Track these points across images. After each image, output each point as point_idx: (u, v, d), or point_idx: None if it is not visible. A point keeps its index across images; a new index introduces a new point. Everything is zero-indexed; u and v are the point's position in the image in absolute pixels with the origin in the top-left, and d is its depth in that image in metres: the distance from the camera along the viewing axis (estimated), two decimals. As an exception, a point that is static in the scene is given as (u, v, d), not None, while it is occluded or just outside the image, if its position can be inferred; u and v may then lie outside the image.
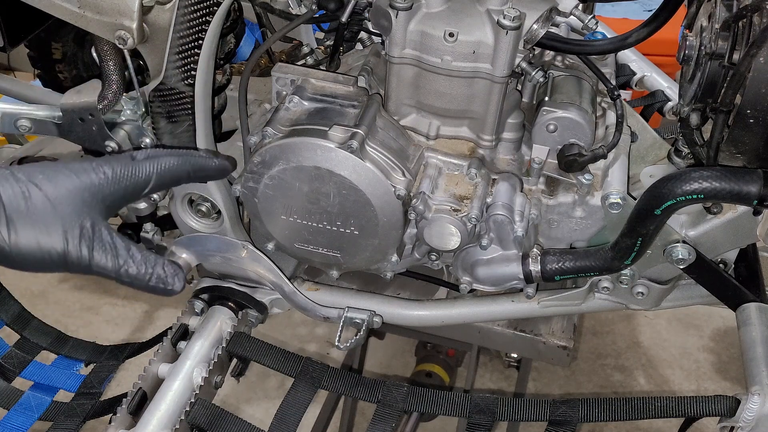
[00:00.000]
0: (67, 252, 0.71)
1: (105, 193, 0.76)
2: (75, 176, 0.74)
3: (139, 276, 0.75)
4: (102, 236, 0.74)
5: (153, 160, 0.80)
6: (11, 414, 1.31)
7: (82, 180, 0.75)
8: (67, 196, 0.73)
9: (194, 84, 1.09)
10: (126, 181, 0.78)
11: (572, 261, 1.14)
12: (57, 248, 0.71)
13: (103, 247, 0.73)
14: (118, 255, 0.74)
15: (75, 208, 0.73)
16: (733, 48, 0.92)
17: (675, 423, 1.16)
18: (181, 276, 0.78)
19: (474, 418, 1.14)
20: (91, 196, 0.75)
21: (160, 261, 0.77)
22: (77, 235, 0.72)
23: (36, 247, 0.70)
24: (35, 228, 0.70)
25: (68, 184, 0.73)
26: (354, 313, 1.26)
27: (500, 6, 1.03)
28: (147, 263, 0.76)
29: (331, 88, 1.16)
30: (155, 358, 1.23)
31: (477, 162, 1.13)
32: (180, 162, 0.83)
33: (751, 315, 1.15)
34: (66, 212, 0.72)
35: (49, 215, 0.71)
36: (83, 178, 0.75)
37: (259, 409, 2.27)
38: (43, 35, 1.44)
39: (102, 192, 0.76)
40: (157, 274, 0.77)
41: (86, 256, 0.72)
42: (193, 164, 0.85)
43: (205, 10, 1.03)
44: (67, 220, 0.72)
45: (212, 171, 0.88)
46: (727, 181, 0.94)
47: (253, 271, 1.28)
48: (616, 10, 2.74)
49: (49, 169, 0.74)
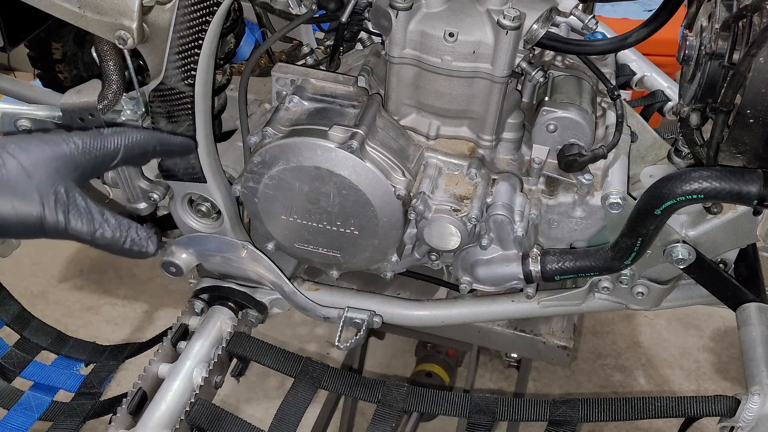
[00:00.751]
0: (43, 217, 0.74)
1: (77, 162, 0.79)
2: (47, 146, 0.77)
3: (114, 239, 0.78)
4: (77, 201, 0.76)
5: (120, 134, 0.84)
6: (11, 414, 1.31)
7: (54, 149, 0.77)
8: (40, 164, 0.75)
9: (194, 84, 1.09)
10: (96, 151, 0.81)
11: (572, 261, 1.14)
12: (33, 213, 0.73)
13: (78, 212, 0.76)
14: (93, 219, 0.77)
15: (49, 175, 0.75)
16: (733, 48, 0.92)
17: (675, 423, 1.16)
18: (155, 239, 0.82)
19: (474, 418, 1.15)
20: (63, 164, 0.77)
21: (133, 225, 0.80)
22: (52, 201, 0.74)
23: (12, 213, 0.72)
24: (11, 195, 0.72)
25: (41, 153, 0.76)
26: (354, 313, 1.26)
27: (500, 6, 1.03)
28: (121, 227, 0.79)
29: (331, 88, 1.16)
30: (155, 358, 1.23)
31: (477, 162, 1.13)
32: (146, 136, 0.87)
33: (751, 315, 1.15)
34: (41, 179, 0.74)
35: (23, 182, 0.73)
36: (55, 147, 0.77)
37: (259, 409, 2.27)
38: (43, 35, 1.44)
39: (74, 161, 0.78)
40: (132, 237, 0.80)
41: (62, 221, 0.75)
42: (158, 139, 0.90)
43: (205, 10, 1.03)
44: (42, 186, 0.74)
45: (176, 146, 0.96)
46: (727, 181, 0.94)
47: (253, 271, 1.28)
48: (616, 10, 2.74)
49: (22, 139, 0.77)
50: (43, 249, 2.74)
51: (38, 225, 0.74)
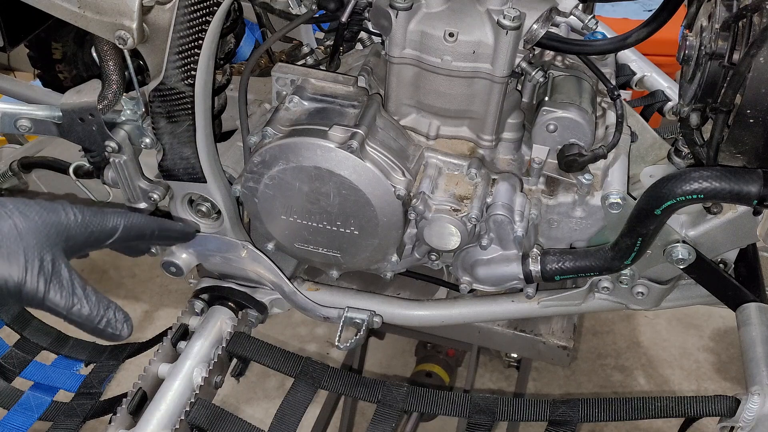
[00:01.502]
0: (23, 282, 0.71)
1: (70, 234, 0.78)
2: (45, 212, 0.76)
3: (90, 317, 0.77)
4: (60, 273, 0.75)
5: (121, 215, 0.85)
6: (11, 414, 1.31)
7: (52, 216, 0.77)
8: (33, 228, 0.74)
9: (194, 84, 1.09)
10: (93, 226, 0.81)
11: (572, 261, 1.14)
12: (14, 277, 0.71)
13: (60, 284, 0.74)
14: (74, 293, 0.75)
15: (39, 241, 0.74)
16: (733, 48, 0.92)
17: (675, 423, 1.16)
18: (130, 324, 0.80)
19: (474, 418, 1.14)
20: (56, 233, 0.76)
21: (112, 305, 0.79)
22: (36, 268, 0.72)
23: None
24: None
25: (36, 218, 0.75)
26: (354, 313, 1.26)
27: (500, 6, 1.03)
28: (100, 305, 0.78)
29: (331, 88, 1.16)
30: (155, 358, 1.23)
31: (477, 162, 1.13)
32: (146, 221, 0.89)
33: (751, 315, 1.15)
34: (29, 244, 0.73)
35: (12, 244, 0.71)
36: (52, 215, 0.77)
37: (259, 409, 2.27)
38: (43, 35, 1.44)
39: (68, 232, 0.78)
40: (108, 317, 0.78)
41: (42, 290, 0.73)
42: (158, 225, 0.92)
43: (205, 11, 1.03)
44: (29, 251, 0.72)
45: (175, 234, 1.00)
46: (727, 181, 0.94)
47: (253, 271, 1.28)
48: (616, 10, 2.73)
49: (23, 201, 0.76)
50: (43, 249, 2.73)
51: (16, 290, 0.71)
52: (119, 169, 1.21)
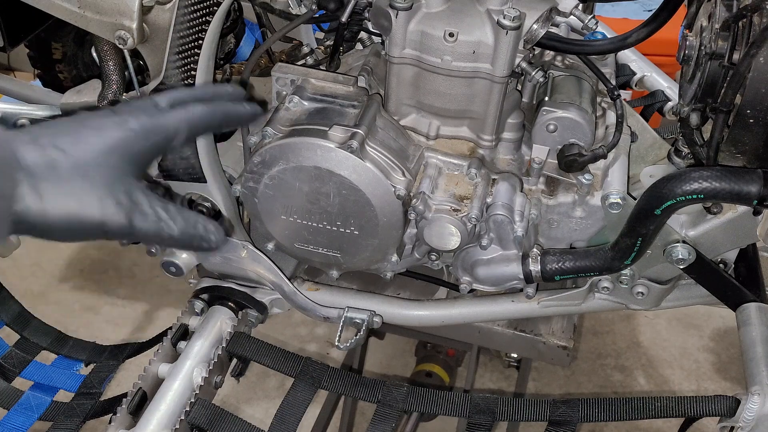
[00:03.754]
0: (105, 220, 0.68)
1: (134, 151, 0.72)
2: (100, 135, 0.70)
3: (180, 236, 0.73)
4: (139, 200, 0.70)
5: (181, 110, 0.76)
6: (11, 414, 1.31)
7: (109, 139, 0.70)
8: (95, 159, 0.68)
9: (194, 84, 1.09)
10: (155, 135, 0.73)
11: (572, 261, 1.14)
12: (94, 217, 0.67)
13: (143, 212, 0.70)
14: (159, 217, 0.71)
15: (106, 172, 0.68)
16: (733, 48, 0.92)
17: (675, 423, 1.16)
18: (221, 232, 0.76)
19: (474, 418, 1.14)
20: (120, 157, 0.70)
21: (200, 219, 0.74)
22: (113, 204, 0.68)
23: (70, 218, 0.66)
24: (67, 197, 0.66)
25: (95, 145, 0.69)
26: (354, 313, 1.26)
27: (500, 6, 1.03)
28: (187, 223, 0.73)
29: (331, 88, 1.16)
30: (155, 358, 1.23)
31: (477, 162, 1.13)
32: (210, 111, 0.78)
33: (751, 315, 1.15)
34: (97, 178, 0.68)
35: (79, 182, 0.67)
36: (109, 136, 0.70)
37: (259, 409, 2.27)
38: (43, 35, 1.44)
39: (131, 150, 0.71)
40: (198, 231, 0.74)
41: (126, 223, 0.69)
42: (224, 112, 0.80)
43: (205, 11, 1.04)
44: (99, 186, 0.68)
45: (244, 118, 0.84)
46: (727, 181, 0.94)
47: (253, 271, 1.28)
48: (616, 10, 2.73)
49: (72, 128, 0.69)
50: (43, 249, 2.74)
51: (100, 228, 0.68)
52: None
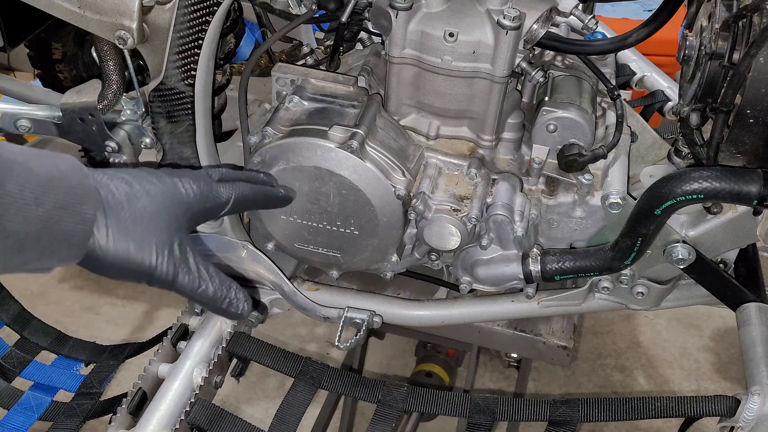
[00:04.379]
0: (155, 267, 0.73)
1: (192, 211, 0.78)
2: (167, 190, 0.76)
3: (215, 298, 0.78)
4: (187, 257, 0.76)
5: (232, 185, 0.83)
6: (11, 414, 1.31)
7: (174, 196, 0.76)
8: (161, 211, 0.74)
9: (194, 84, 1.09)
10: (209, 201, 0.80)
11: (572, 261, 1.14)
12: (146, 263, 0.72)
13: (188, 268, 0.76)
14: (200, 276, 0.77)
15: (168, 224, 0.74)
16: (733, 48, 0.92)
17: (675, 423, 1.16)
18: (250, 302, 0.81)
19: (474, 418, 1.14)
20: (181, 213, 0.77)
21: (233, 286, 0.80)
22: (167, 254, 0.73)
23: (126, 258, 0.71)
24: (129, 239, 0.71)
25: (162, 199, 0.75)
26: (354, 313, 1.26)
27: (500, 6, 1.03)
28: (223, 286, 0.79)
29: (331, 88, 1.16)
30: (155, 358, 1.23)
31: (477, 162, 1.13)
32: (255, 191, 0.87)
33: (751, 315, 1.15)
34: (160, 228, 0.74)
35: (144, 229, 0.72)
36: (174, 193, 0.77)
37: (259, 409, 2.27)
38: (43, 35, 1.44)
39: (191, 209, 0.78)
40: (230, 297, 0.80)
41: (171, 274, 0.74)
42: (264, 194, 0.90)
43: (205, 11, 1.03)
44: (160, 236, 0.73)
45: (281, 201, 0.96)
46: (727, 181, 0.94)
47: (253, 271, 1.28)
48: (616, 10, 2.74)
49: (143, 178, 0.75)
50: (43, 249, 2.73)
51: (148, 274, 0.73)
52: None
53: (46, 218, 0.64)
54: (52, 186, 0.65)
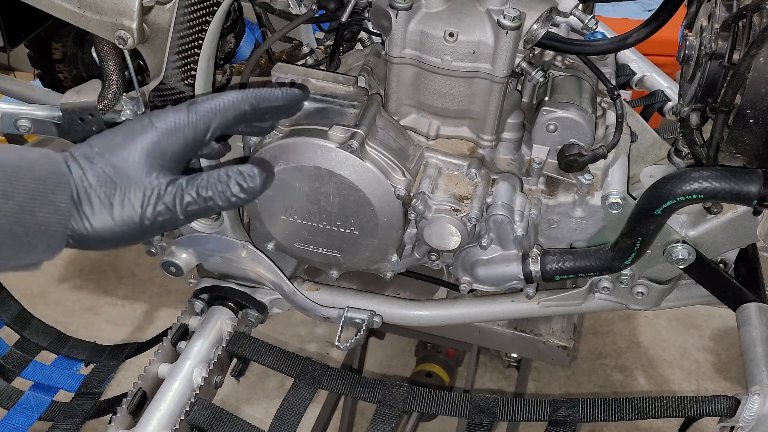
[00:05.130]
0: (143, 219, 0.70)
1: (163, 149, 0.73)
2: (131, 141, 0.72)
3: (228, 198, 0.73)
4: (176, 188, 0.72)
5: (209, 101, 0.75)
6: (11, 414, 1.31)
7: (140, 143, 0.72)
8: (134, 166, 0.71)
9: (194, 84, 1.09)
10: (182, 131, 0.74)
11: (572, 261, 1.14)
12: (135, 219, 0.70)
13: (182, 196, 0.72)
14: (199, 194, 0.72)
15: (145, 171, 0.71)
16: (733, 48, 0.92)
17: (675, 423, 1.16)
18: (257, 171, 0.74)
19: (474, 418, 1.15)
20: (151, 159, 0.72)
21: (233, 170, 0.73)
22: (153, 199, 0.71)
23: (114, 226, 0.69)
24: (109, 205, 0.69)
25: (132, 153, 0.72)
26: (354, 313, 1.26)
27: (500, 6, 1.03)
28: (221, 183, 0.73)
29: (331, 88, 1.16)
30: (155, 358, 1.23)
31: (477, 162, 1.13)
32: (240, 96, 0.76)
33: (751, 315, 1.15)
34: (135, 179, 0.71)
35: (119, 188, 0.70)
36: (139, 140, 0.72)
37: (259, 409, 2.27)
38: (43, 35, 1.44)
39: (160, 148, 0.73)
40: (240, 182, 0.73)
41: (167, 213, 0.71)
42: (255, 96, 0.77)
43: (205, 11, 1.03)
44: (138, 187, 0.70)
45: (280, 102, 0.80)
46: (727, 181, 0.94)
47: (253, 271, 1.28)
48: (616, 10, 2.74)
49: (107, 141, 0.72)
50: (43, 249, 2.73)
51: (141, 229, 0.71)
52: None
53: (17, 211, 0.63)
54: (20, 177, 0.64)
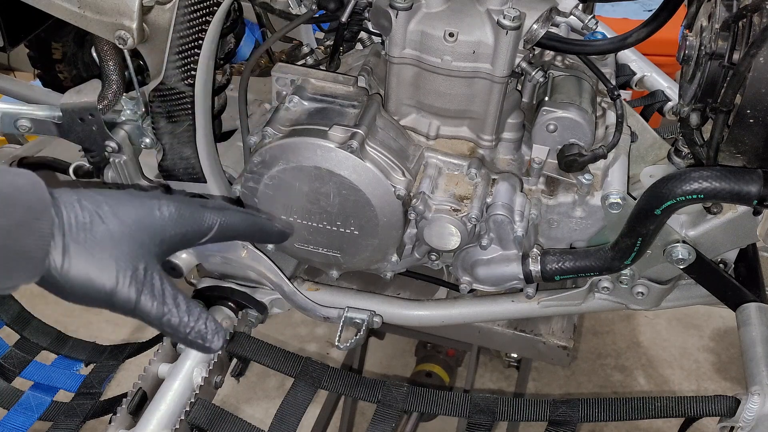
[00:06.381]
0: (115, 291, 0.70)
1: (164, 236, 0.75)
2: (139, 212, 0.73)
3: (180, 327, 0.74)
4: (153, 281, 0.73)
5: (220, 213, 0.79)
6: (11, 414, 1.31)
7: (145, 218, 0.74)
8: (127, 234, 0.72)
9: (194, 84, 1.09)
10: (187, 226, 0.76)
11: (572, 261, 1.14)
12: (107, 286, 0.70)
13: (152, 293, 0.72)
14: (164, 303, 0.73)
15: (132, 248, 0.72)
16: (733, 48, 0.92)
17: (675, 423, 1.16)
18: (222, 334, 0.76)
19: (474, 418, 1.14)
20: (150, 238, 0.73)
21: (203, 316, 0.75)
22: (129, 277, 0.71)
23: (86, 281, 0.69)
24: (90, 261, 0.69)
25: (131, 221, 0.72)
26: (354, 313, 1.26)
27: (500, 6, 1.03)
28: (190, 316, 0.74)
29: (331, 88, 1.16)
30: (155, 358, 1.23)
31: (477, 162, 1.13)
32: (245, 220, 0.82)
33: (751, 315, 1.15)
34: (123, 252, 0.71)
35: (106, 251, 0.70)
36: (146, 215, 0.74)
37: (259, 409, 2.27)
38: (43, 35, 1.44)
39: (163, 233, 0.74)
40: (198, 329, 0.75)
41: (133, 299, 0.71)
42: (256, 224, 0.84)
43: (205, 11, 1.03)
44: (122, 260, 0.71)
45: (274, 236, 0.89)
46: (727, 181, 0.94)
47: (253, 271, 1.28)
48: (616, 10, 2.74)
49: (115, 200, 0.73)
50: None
51: (108, 298, 0.70)
52: (119, 169, 1.21)
53: (4, 236, 0.62)
54: (11, 202, 0.64)
